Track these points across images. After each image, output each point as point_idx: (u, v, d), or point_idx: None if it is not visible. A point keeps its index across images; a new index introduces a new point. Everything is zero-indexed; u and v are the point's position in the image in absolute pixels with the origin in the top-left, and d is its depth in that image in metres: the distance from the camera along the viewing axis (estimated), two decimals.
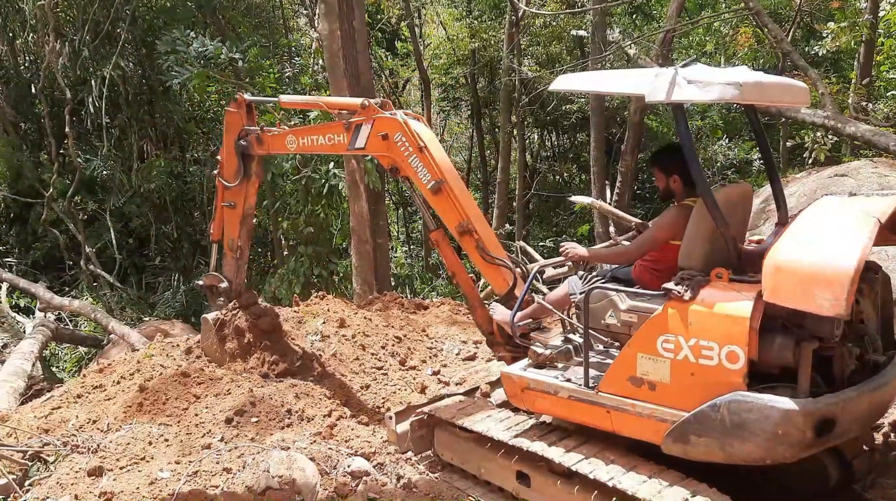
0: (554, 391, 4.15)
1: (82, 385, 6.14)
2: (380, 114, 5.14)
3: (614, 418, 3.89)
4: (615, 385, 3.86)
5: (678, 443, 3.64)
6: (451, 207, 4.94)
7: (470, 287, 5.19)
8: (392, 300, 8.58)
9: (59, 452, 4.79)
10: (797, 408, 3.33)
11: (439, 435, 4.86)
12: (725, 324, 3.45)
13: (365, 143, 5.20)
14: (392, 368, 6.43)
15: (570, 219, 19.12)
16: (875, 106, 10.75)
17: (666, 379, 3.65)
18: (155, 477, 4.35)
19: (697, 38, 17.26)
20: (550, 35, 18.09)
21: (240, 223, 6.21)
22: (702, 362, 3.52)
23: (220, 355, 6.13)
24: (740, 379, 3.43)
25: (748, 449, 3.48)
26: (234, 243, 6.25)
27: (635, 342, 3.77)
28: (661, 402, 3.69)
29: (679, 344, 3.58)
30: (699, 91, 3.53)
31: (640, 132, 14.97)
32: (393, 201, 21.07)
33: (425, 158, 4.96)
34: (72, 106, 14.64)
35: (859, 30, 10.36)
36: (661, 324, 3.65)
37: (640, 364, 3.73)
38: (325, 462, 4.60)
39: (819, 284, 3.14)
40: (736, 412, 3.43)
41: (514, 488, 4.29)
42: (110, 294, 14.47)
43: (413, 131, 5.00)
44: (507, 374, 4.45)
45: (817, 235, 3.35)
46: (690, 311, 3.56)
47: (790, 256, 3.28)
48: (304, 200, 11.94)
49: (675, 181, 4.21)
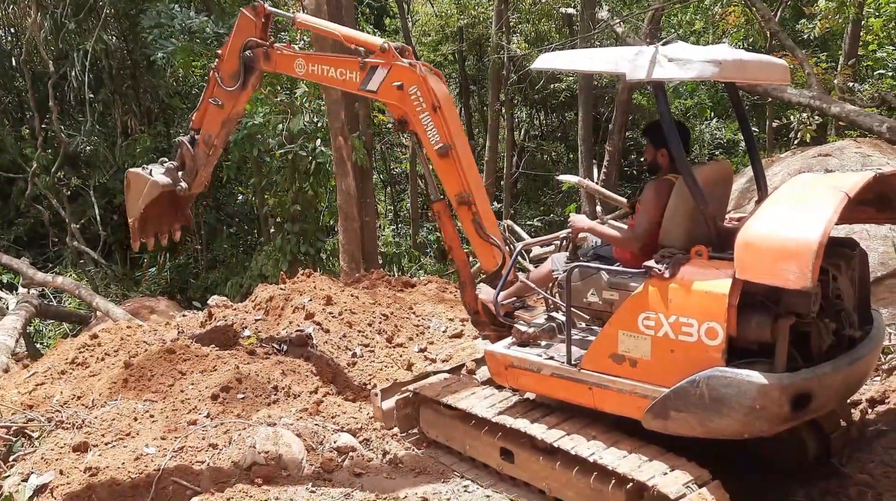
0: (537, 368, 4.20)
1: (66, 361, 6.12)
2: (398, 61, 4.89)
3: (596, 394, 3.93)
4: (597, 362, 3.90)
5: (658, 419, 3.69)
6: (454, 173, 4.85)
7: (465, 264, 5.16)
8: (379, 278, 8.59)
9: (43, 428, 4.78)
10: (774, 383, 3.39)
11: (424, 413, 4.90)
12: (705, 301, 3.50)
13: (377, 87, 4.99)
14: (379, 345, 6.45)
15: (557, 198, 19.13)
16: (861, 86, 10.78)
17: (647, 356, 3.69)
18: (140, 453, 4.37)
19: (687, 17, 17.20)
20: (539, 12, 17.97)
21: (221, 125, 5.89)
22: (681, 338, 3.57)
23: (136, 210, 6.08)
24: (719, 355, 3.48)
25: (726, 424, 3.53)
26: (209, 140, 5.92)
27: (617, 320, 3.81)
28: (641, 378, 3.73)
29: (659, 321, 3.63)
30: (679, 69, 3.56)
31: (627, 112, 14.98)
32: (381, 178, 20.99)
33: (438, 119, 4.82)
34: (55, 80, 14.42)
35: (847, 9, 10.36)
36: (641, 302, 3.69)
37: (621, 341, 3.77)
38: (312, 438, 4.62)
39: (784, 258, 3.20)
40: (714, 388, 3.48)
41: (498, 464, 4.35)
42: (95, 271, 14.39)
43: (430, 88, 4.82)
44: (491, 352, 4.48)
45: (786, 211, 3.40)
46: (670, 288, 3.60)
47: (759, 232, 3.34)
48: (291, 177, 11.88)
49: (662, 155, 4.23)
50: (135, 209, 6.07)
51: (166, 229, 6.46)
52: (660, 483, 3.44)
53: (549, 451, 3.98)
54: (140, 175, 5.99)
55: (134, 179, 6.04)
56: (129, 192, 6.10)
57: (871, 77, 11.07)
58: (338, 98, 9.64)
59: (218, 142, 5.97)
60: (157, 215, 6.24)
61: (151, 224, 6.29)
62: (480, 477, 4.43)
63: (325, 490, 4.11)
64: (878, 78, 10.68)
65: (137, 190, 6.01)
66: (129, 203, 6.16)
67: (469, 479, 4.44)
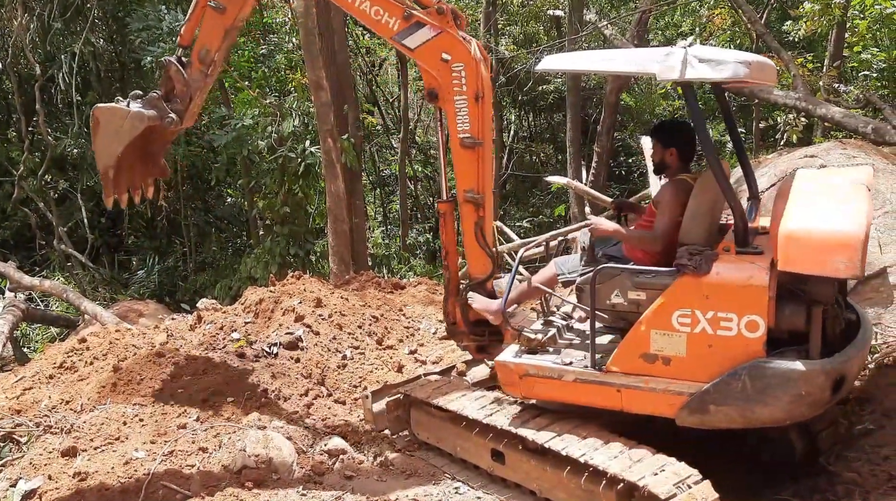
0: (558, 375, 4.08)
1: (54, 365, 6.09)
2: (453, 31, 4.46)
3: (625, 396, 3.92)
4: (626, 363, 3.89)
5: (695, 414, 3.75)
6: (473, 169, 4.59)
7: (456, 273, 5.01)
8: (369, 280, 8.58)
9: (31, 432, 4.76)
10: (818, 368, 3.56)
11: (415, 414, 4.91)
12: (744, 295, 3.61)
13: (416, 46, 4.52)
14: (369, 347, 6.45)
15: (546, 199, 19.18)
16: (847, 88, 10.88)
17: (682, 353, 3.74)
18: (130, 457, 4.35)
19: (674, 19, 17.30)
20: (527, 15, 18.03)
21: (224, 34, 4.98)
22: (720, 333, 3.66)
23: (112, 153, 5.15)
24: (760, 347, 3.61)
25: (769, 412, 3.65)
26: (208, 55, 5.01)
27: (648, 320, 3.81)
28: (676, 376, 3.78)
29: (696, 318, 3.69)
30: (711, 70, 3.63)
31: (615, 113, 15.05)
32: (370, 180, 20.97)
33: (476, 110, 4.48)
34: (42, 82, 14.33)
35: (832, 11, 10.45)
36: (675, 299, 3.74)
37: (653, 341, 3.79)
38: (302, 441, 4.62)
39: (834, 249, 3.38)
40: (758, 378, 3.59)
41: (489, 465, 4.35)
42: (82, 274, 14.29)
43: (480, 74, 4.45)
44: (503, 362, 4.29)
45: (820, 205, 3.62)
46: (707, 284, 3.67)
47: (801, 225, 3.50)
48: (280, 179, 11.85)
49: (671, 155, 4.28)
50: (110, 153, 5.07)
51: (139, 182, 5.46)
52: (650, 482, 3.45)
53: (540, 452, 3.99)
54: (115, 109, 5.00)
55: (106, 114, 5.03)
56: (100, 132, 5.06)
57: (856, 79, 11.17)
58: (327, 100, 9.63)
59: (218, 57, 5.08)
60: (129, 163, 5.26)
61: (123, 176, 5.27)
62: (471, 479, 4.44)
63: (315, 493, 4.11)
64: (863, 79, 10.77)
65: (112, 128, 5.00)
66: (98, 147, 5.14)
67: (460, 480, 4.44)
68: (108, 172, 5.15)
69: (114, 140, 5.04)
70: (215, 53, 5.02)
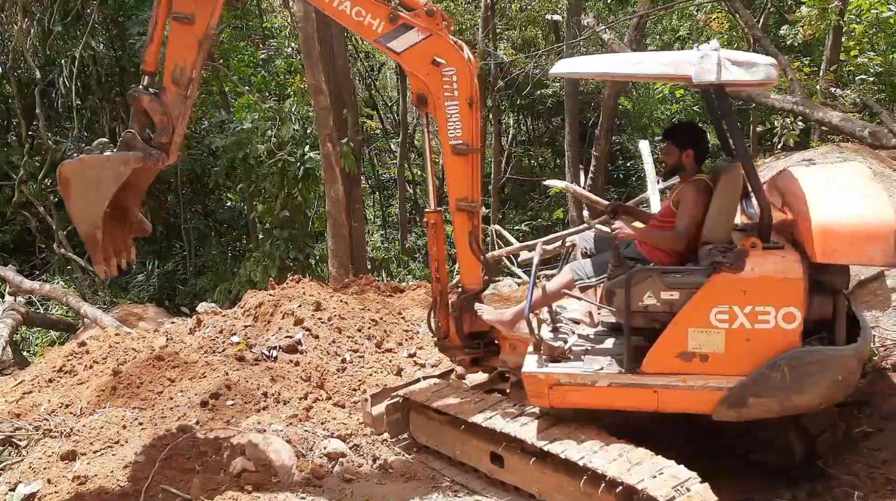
0: (591, 381, 4.03)
1: (53, 369, 6.09)
2: (443, 34, 4.25)
3: (661, 396, 3.96)
4: (662, 364, 3.92)
5: (734, 408, 3.84)
6: (466, 176, 4.42)
7: (446, 285, 4.82)
8: (368, 284, 8.59)
9: (31, 436, 4.75)
10: (852, 354, 3.78)
11: (414, 418, 4.91)
12: (782, 288, 3.76)
13: (403, 50, 4.26)
14: (368, 350, 6.46)
15: (544, 203, 19.20)
16: (843, 92, 10.90)
17: (720, 349, 3.82)
18: (129, 461, 4.35)
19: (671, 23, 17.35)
20: (526, 19, 18.06)
21: (197, 46, 4.34)
22: (758, 327, 3.78)
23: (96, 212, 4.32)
24: (797, 337, 3.78)
25: (807, 399, 3.83)
26: (183, 75, 4.35)
27: (684, 318, 3.86)
28: (714, 372, 3.85)
29: (734, 313, 3.79)
30: (745, 72, 3.74)
31: (614, 117, 15.09)
32: (369, 184, 21.00)
33: (468, 114, 4.30)
34: (42, 87, 14.35)
35: (829, 16, 10.49)
36: (712, 297, 3.81)
37: (691, 339, 3.85)
38: (302, 444, 4.62)
39: (870, 239, 3.62)
40: (797, 367, 3.74)
41: (488, 469, 4.36)
42: (82, 278, 14.29)
43: (473, 78, 4.27)
44: (532, 374, 4.11)
45: (844, 198, 3.82)
46: (744, 280, 3.76)
47: (837, 218, 3.70)
48: (279, 183, 11.88)
49: (687, 156, 4.33)
50: (93, 211, 4.26)
51: (121, 243, 4.63)
52: (649, 485, 3.46)
53: (539, 455, 4.00)
54: (86, 161, 4.23)
55: (77, 169, 4.23)
56: (73, 191, 4.24)
57: (853, 83, 11.20)
58: (326, 105, 9.66)
59: (196, 73, 4.40)
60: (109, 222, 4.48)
61: (107, 237, 4.44)
62: (471, 482, 4.44)
63: (315, 497, 4.11)
64: (859, 83, 10.80)
65: (89, 182, 4.23)
66: (76, 209, 4.30)
67: (459, 484, 4.45)
68: (96, 234, 4.30)
69: (95, 195, 4.24)
70: (191, 71, 4.35)
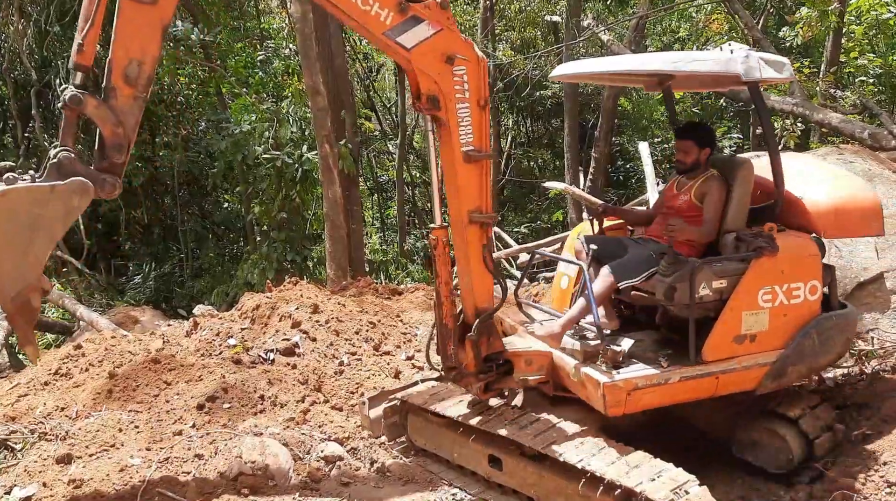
0: (664, 380, 4.06)
1: (49, 372, 6.06)
2: (455, 30, 3.92)
3: (720, 381, 4.17)
4: (720, 350, 4.12)
5: (776, 379, 4.23)
6: (478, 185, 4.08)
7: (451, 308, 4.32)
8: (366, 286, 8.56)
9: (26, 439, 4.73)
10: (856, 314, 4.63)
11: (412, 421, 4.89)
12: (808, 264, 4.25)
13: (413, 45, 3.83)
14: (366, 353, 6.43)
15: (544, 205, 19.18)
16: (843, 93, 10.91)
17: (765, 327, 4.16)
18: (125, 464, 4.32)
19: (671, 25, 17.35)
20: (525, 20, 18.06)
21: (160, 33, 3.46)
22: (792, 302, 4.21)
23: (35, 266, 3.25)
24: (818, 306, 4.30)
25: (828, 360, 4.48)
26: (141, 72, 3.40)
27: (736, 303, 4.11)
28: (761, 349, 4.19)
29: (775, 292, 4.16)
30: (776, 71, 4.06)
31: (613, 118, 15.09)
32: (367, 186, 20.97)
33: (479, 118, 4.00)
34: (38, 88, 14.32)
35: (829, 17, 10.49)
36: (759, 279, 4.13)
37: (744, 322, 4.13)
38: (299, 448, 4.60)
39: (869, 215, 4.36)
40: (823, 331, 4.27)
41: (487, 472, 4.34)
42: (78, 280, 14.25)
43: (486, 77, 4.01)
44: (612, 384, 3.95)
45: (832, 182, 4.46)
46: (781, 261, 4.16)
47: (837, 200, 4.33)
48: (277, 185, 11.86)
49: (705, 154, 4.59)
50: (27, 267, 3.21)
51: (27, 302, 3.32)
52: (647, 488, 3.45)
53: (538, 458, 3.98)
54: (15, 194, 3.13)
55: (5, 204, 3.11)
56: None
57: (852, 84, 11.20)
58: (324, 106, 9.64)
59: (152, 69, 3.46)
60: None
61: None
62: (469, 485, 4.42)
63: (312, 500, 4.09)
64: (859, 85, 10.81)
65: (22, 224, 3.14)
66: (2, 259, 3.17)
67: (457, 487, 4.42)
68: (31, 299, 3.24)
69: (34, 242, 3.16)
70: (151, 67, 3.43)
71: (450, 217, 4.19)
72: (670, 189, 4.84)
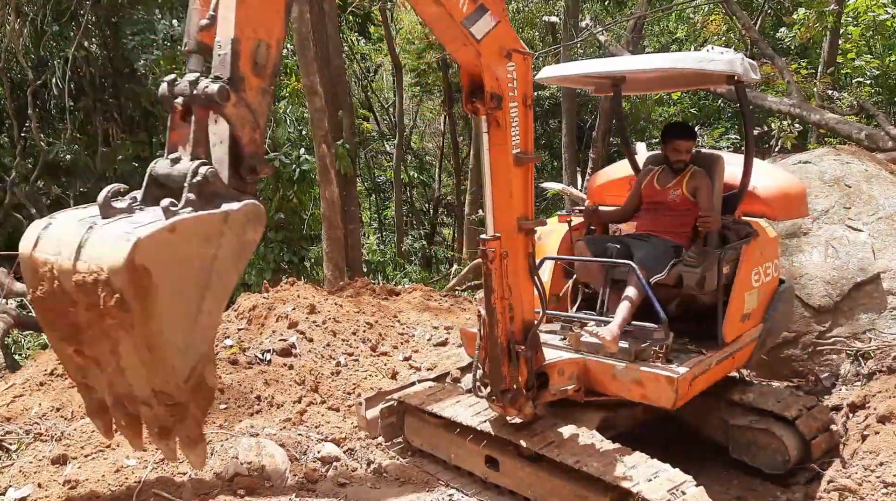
0: (708, 366, 4.25)
1: (45, 372, 6.03)
2: (509, 22, 3.63)
3: (736, 359, 4.55)
4: (734, 330, 4.42)
5: (762, 348, 4.73)
6: (524, 190, 3.80)
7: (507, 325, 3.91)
8: (363, 286, 8.55)
9: (21, 440, 4.71)
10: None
11: (409, 421, 4.88)
12: (773, 245, 4.81)
13: (482, 36, 3.48)
14: (363, 354, 6.43)
15: (541, 205, 19.19)
16: (840, 94, 10.93)
17: (755, 305, 4.57)
18: (121, 465, 4.31)
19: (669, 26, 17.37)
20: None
21: (284, 12, 2.79)
22: (765, 279, 4.64)
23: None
24: (778, 279, 4.86)
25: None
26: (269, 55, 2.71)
27: (741, 285, 4.42)
28: (752, 325, 4.60)
29: (760, 273, 4.58)
30: (755, 73, 4.35)
31: (610, 119, 15.08)
32: (365, 186, 20.96)
33: (524, 117, 3.73)
34: (34, 87, 14.29)
35: (826, 18, 10.51)
36: (752, 261, 4.51)
37: (747, 302, 4.50)
38: (295, 448, 4.59)
39: (804, 198, 5.02)
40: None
41: (483, 472, 4.33)
42: None
43: (531, 75, 3.77)
44: (682, 378, 3.93)
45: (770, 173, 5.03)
46: (763, 243, 4.62)
47: (782, 186, 4.90)
48: (274, 185, 11.85)
49: (692, 150, 4.86)
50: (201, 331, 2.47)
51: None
52: (644, 489, 3.45)
53: (534, 459, 3.98)
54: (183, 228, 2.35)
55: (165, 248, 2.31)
56: (161, 291, 2.29)
57: (849, 85, 11.23)
58: (321, 106, 9.63)
59: (279, 55, 2.78)
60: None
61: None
62: (466, 486, 4.42)
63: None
64: (856, 86, 10.83)
65: (188, 271, 2.38)
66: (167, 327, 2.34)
67: (454, 488, 4.42)
68: (207, 376, 2.55)
69: (208, 295, 2.43)
70: (278, 52, 2.77)
71: (494, 226, 3.79)
72: (650, 185, 4.86)
